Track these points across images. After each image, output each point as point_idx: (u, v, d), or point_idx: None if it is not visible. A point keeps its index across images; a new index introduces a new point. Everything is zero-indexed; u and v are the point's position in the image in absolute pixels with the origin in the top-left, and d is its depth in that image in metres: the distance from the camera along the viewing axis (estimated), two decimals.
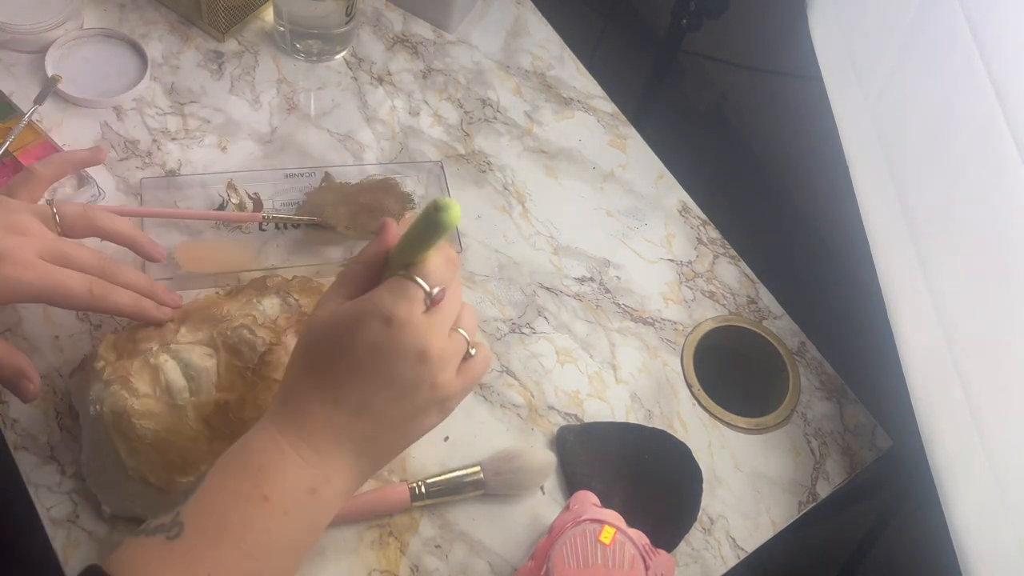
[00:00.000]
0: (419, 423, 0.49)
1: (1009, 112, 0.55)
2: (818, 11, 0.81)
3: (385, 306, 0.46)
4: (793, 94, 1.07)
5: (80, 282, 0.55)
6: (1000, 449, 0.55)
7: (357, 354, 0.46)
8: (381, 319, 0.46)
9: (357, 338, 0.46)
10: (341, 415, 0.47)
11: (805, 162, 1.12)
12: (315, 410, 0.47)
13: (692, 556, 0.65)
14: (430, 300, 0.47)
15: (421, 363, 0.46)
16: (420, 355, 0.46)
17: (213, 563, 0.43)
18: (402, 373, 0.46)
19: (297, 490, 0.46)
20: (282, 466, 0.46)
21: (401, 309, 0.46)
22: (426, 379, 0.47)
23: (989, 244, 0.56)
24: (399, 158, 0.80)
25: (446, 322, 0.48)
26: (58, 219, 0.58)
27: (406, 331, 0.46)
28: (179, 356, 0.58)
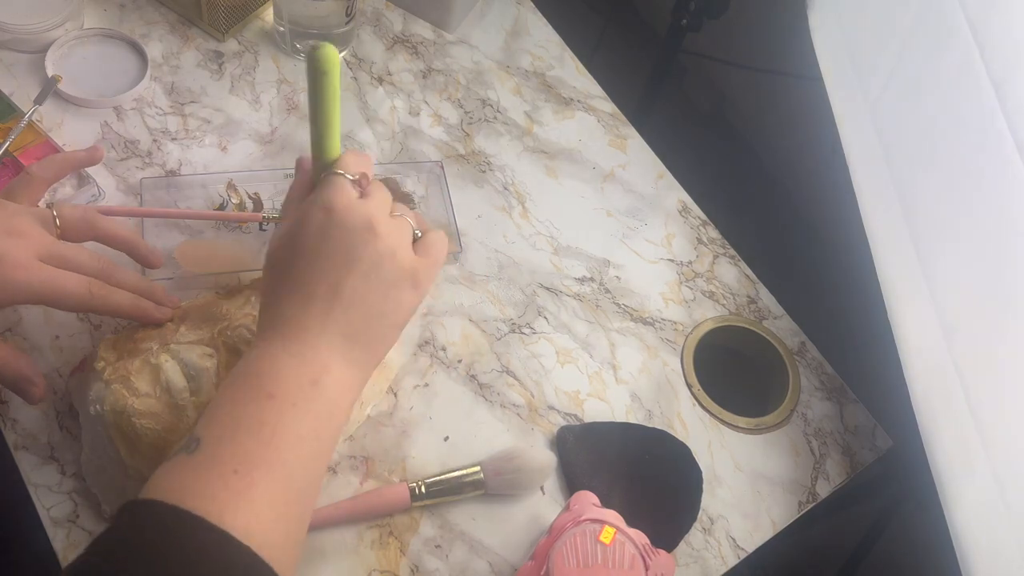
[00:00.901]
0: (395, 300, 0.51)
1: (1009, 112, 0.55)
2: (818, 11, 0.81)
3: (321, 198, 0.50)
4: (793, 94, 1.07)
5: (79, 283, 0.55)
6: (1000, 449, 0.55)
7: (311, 245, 0.49)
8: (322, 209, 0.49)
9: (307, 233, 0.49)
10: (316, 306, 0.49)
11: (805, 162, 1.12)
12: (292, 310, 0.49)
13: (692, 556, 0.65)
14: (358, 185, 0.51)
15: (371, 233, 0.49)
16: (367, 226, 0.49)
17: (237, 460, 0.44)
18: (356, 248, 0.49)
19: (299, 383, 0.47)
20: (277, 365, 0.47)
21: (336, 196, 0.49)
22: (383, 251, 0.49)
23: (989, 244, 0.56)
24: (399, 158, 0.80)
25: (381, 204, 0.51)
26: (58, 222, 0.58)
27: (347, 211, 0.49)
28: (179, 356, 0.58)
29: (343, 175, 0.50)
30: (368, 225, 0.49)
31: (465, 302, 0.73)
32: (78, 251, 0.57)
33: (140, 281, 0.60)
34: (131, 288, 0.59)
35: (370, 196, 0.51)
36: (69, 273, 0.55)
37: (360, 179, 0.51)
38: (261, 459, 0.44)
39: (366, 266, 0.49)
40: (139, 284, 0.60)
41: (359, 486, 0.63)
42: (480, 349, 0.71)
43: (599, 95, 0.89)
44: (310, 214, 0.50)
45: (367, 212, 0.50)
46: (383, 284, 0.50)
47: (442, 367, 0.69)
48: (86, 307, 0.56)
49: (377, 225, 0.49)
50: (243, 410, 0.46)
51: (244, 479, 0.43)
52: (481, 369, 0.70)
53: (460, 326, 0.72)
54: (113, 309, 0.57)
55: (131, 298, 0.58)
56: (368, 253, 0.49)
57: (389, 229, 0.50)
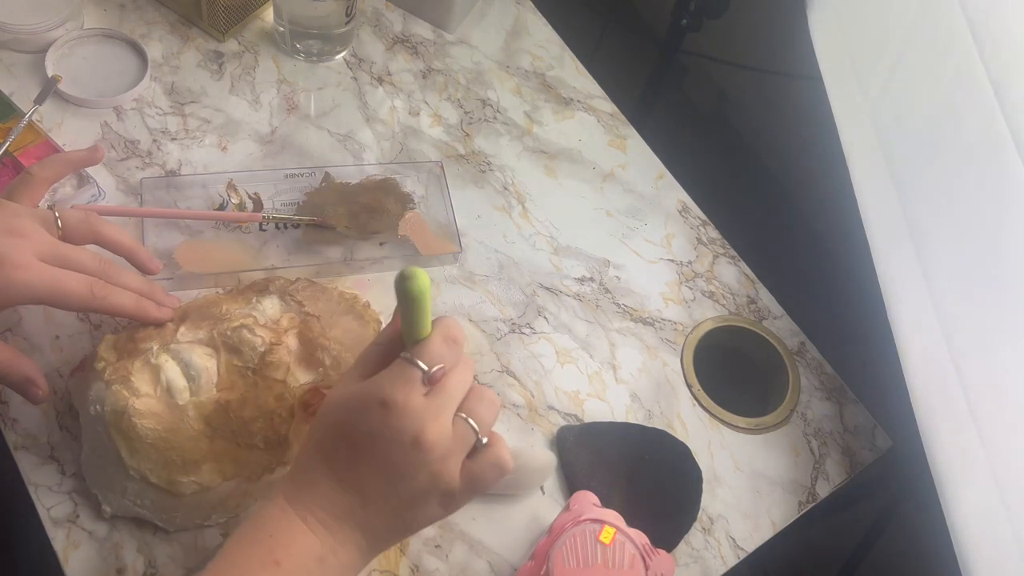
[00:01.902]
0: (419, 511, 0.49)
1: (1009, 112, 0.55)
2: (818, 11, 0.81)
3: (383, 390, 0.47)
4: (793, 94, 1.07)
5: (80, 283, 0.55)
6: (1000, 449, 0.55)
7: (356, 438, 0.48)
8: (378, 403, 0.47)
9: (357, 422, 0.47)
10: (342, 494, 0.48)
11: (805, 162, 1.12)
12: (320, 486, 0.48)
13: (692, 556, 0.65)
14: (428, 380, 0.48)
15: (415, 449, 0.46)
16: (414, 440, 0.46)
17: None
18: (396, 458, 0.47)
19: (306, 557, 0.47)
20: (292, 534, 0.47)
21: (398, 393, 0.47)
22: (422, 466, 0.47)
23: (989, 244, 0.56)
24: (399, 158, 0.80)
25: (447, 404, 0.48)
26: (60, 224, 0.58)
27: (401, 415, 0.46)
28: (180, 356, 0.58)
29: (416, 364, 0.47)
30: (415, 437, 0.46)
31: (465, 302, 0.73)
32: (79, 252, 0.57)
33: (141, 281, 0.60)
34: (132, 288, 0.59)
35: (438, 394, 0.48)
36: (71, 273, 0.55)
37: (435, 374, 0.48)
38: None
39: (398, 475, 0.47)
40: (140, 284, 0.60)
41: None
42: (480, 349, 0.71)
43: (599, 95, 0.89)
44: (366, 402, 0.47)
45: (419, 419, 0.46)
46: (410, 496, 0.48)
47: None
48: (88, 307, 0.56)
49: (425, 436, 0.46)
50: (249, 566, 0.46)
51: None
52: (481, 369, 0.70)
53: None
54: (115, 309, 0.57)
55: (133, 298, 0.58)
56: (404, 464, 0.47)
57: (439, 443, 0.47)
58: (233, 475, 0.58)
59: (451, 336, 0.49)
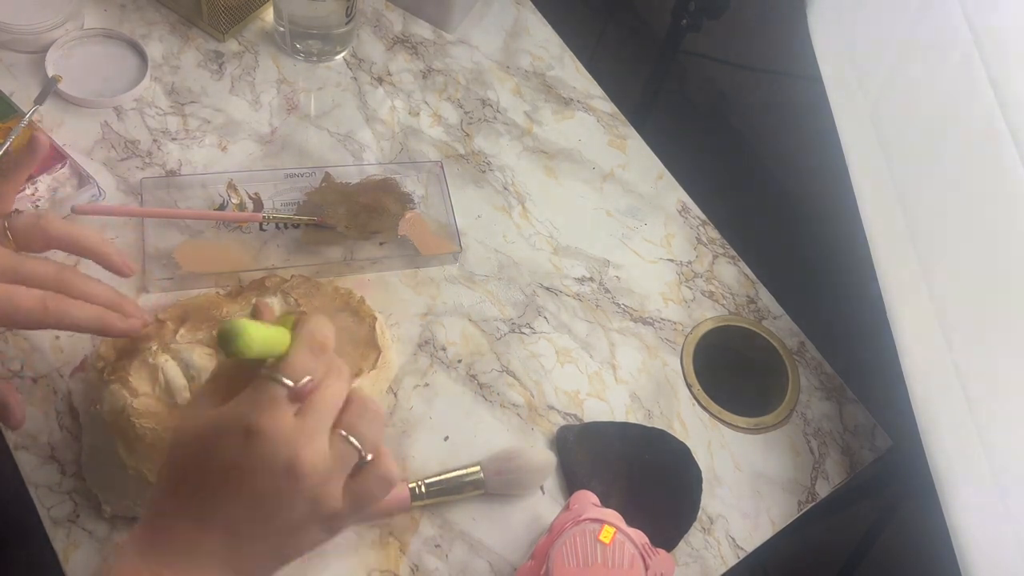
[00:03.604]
0: (298, 540, 0.43)
1: (1009, 112, 0.55)
2: (818, 11, 0.81)
3: (245, 416, 0.40)
4: (793, 94, 1.07)
5: (31, 298, 0.50)
6: (1000, 449, 0.55)
7: (218, 472, 0.41)
8: (241, 432, 0.40)
9: (216, 455, 0.41)
10: (206, 536, 0.41)
11: (805, 162, 1.12)
12: (178, 531, 0.41)
13: (692, 556, 0.65)
14: (296, 396, 0.42)
15: (291, 478, 0.40)
16: (288, 469, 0.40)
17: None
18: (270, 491, 0.41)
19: None
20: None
21: (263, 417, 0.40)
22: (301, 493, 0.41)
23: (989, 244, 0.56)
24: (399, 158, 0.80)
25: (321, 422, 0.42)
26: (10, 234, 0.53)
27: (270, 442, 0.40)
28: (180, 356, 0.58)
29: (281, 382, 0.41)
30: (289, 465, 0.40)
31: (465, 302, 0.73)
32: (34, 264, 0.51)
33: (106, 292, 0.54)
34: (98, 300, 0.53)
35: (308, 413, 0.42)
36: (20, 288, 0.50)
37: (303, 387, 0.41)
38: None
39: (273, 509, 0.41)
40: (106, 296, 0.54)
41: None
42: (480, 349, 0.71)
43: (599, 95, 0.89)
44: (226, 431, 0.41)
45: (292, 444, 0.40)
46: (289, 527, 0.42)
47: (442, 367, 0.69)
48: (42, 323, 0.51)
49: (300, 463, 0.40)
50: None
51: None
52: (481, 369, 0.70)
53: (460, 326, 0.72)
54: (73, 324, 0.52)
55: (93, 312, 0.52)
56: (280, 496, 0.41)
57: (316, 467, 0.41)
58: None
59: (317, 342, 0.43)
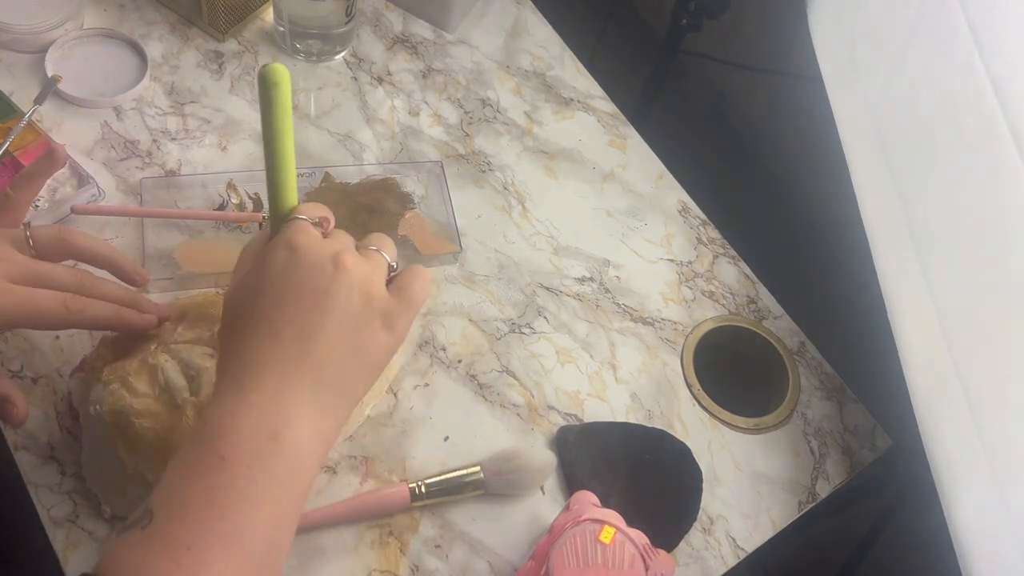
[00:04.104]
0: (367, 339, 0.47)
1: (1009, 112, 0.55)
2: (818, 11, 0.81)
3: (283, 238, 0.47)
4: (793, 94, 1.07)
5: (53, 299, 0.53)
6: (1000, 449, 0.55)
7: (274, 284, 0.46)
8: (284, 248, 0.47)
9: (269, 272, 0.46)
10: (279, 349, 0.45)
11: (805, 162, 1.12)
12: (255, 353, 0.45)
13: (692, 556, 0.65)
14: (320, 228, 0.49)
15: (337, 267, 0.46)
16: (333, 262, 0.46)
17: (190, 535, 0.40)
18: (322, 283, 0.46)
19: (255, 439, 0.43)
20: (232, 420, 0.43)
21: (298, 235, 0.47)
22: (351, 286, 0.46)
23: (989, 244, 0.56)
24: (399, 158, 0.80)
25: (346, 241, 0.49)
26: (32, 243, 0.56)
27: (311, 248, 0.47)
28: (179, 356, 0.58)
29: (304, 218, 0.49)
30: (334, 259, 0.46)
31: (465, 302, 0.73)
32: (54, 268, 0.55)
33: (122, 292, 0.58)
34: (113, 299, 0.57)
35: (334, 235, 0.49)
36: (42, 290, 0.53)
37: (321, 221, 0.49)
38: (214, 534, 0.40)
39: (332, 302, 0.46)
40: (121, 295, 0.57)
41: (359, 486, 0.63)
42: (480, 349, 0.71)
43: (599, 95, 0.89)
44: (272, 253, 0.47)
45: (332, 247, 0.47)
46: (353, 321, 0.46)
47: (442, 367, 0.69)
48: (64, 323, 0.54)
49: (344, 259, 0.47)
50: (194, 477, 0.42)
51: (198, 556, 0.40)
52: (481, 369, 0.70)
53: (460, 326, 0.72)
54: (92, 322, 0.55)
55: (111, 309, 0.56)
56: (335, 287, 0.46)
57: (357, 262, 0.47)
58: None
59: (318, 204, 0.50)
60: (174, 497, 0.42)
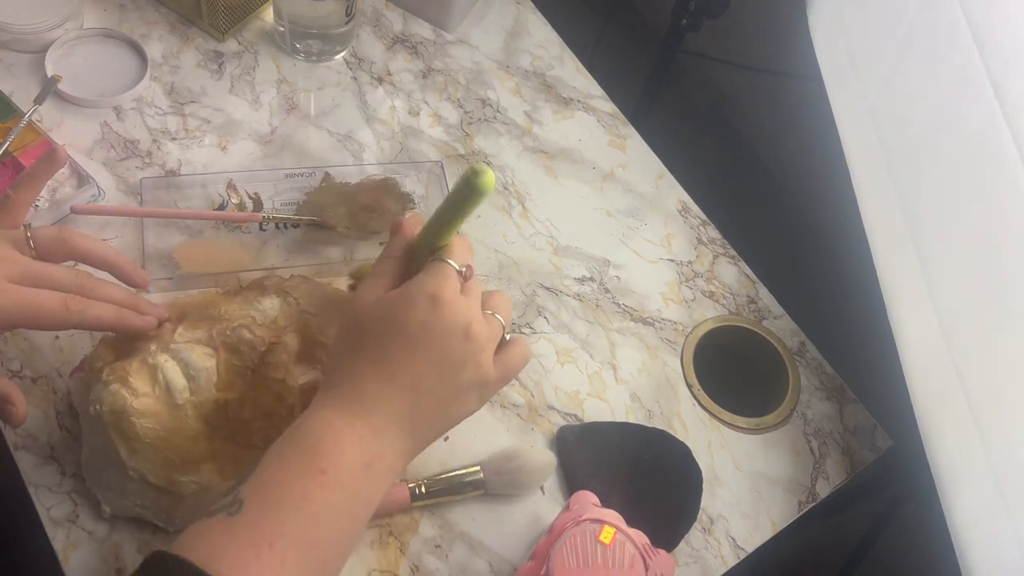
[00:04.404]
0: (460, 404, 0.51)
1: (1009, 112, 0.55)
2: (818, 11, 0.81)
3: (430, 286, 0.49)
4: (793, 94, 1.07)
5: (54, 299, 0.53)
6: (1000, 449, 0.55)
7: (409, 332, 0.49)
8: (428, 298, 0.49)
9: (409, 318, 0.49)
10: (394, 393, 0.49)
11: (805, 162, 1.12)
12: (369, 389, 0.49)
13: (692, 556, 0.65)
14: (462, 278, 0.51)
15: (467, 339, 0.49)
16: (465, 331, 0.49)
17: (274, 532, 0.44)
18: (451, 349, 0.49)
19: (353, 464, 0.47)
20: (338, 443, 0.47)
21: (444, 288, 0.49)
22: (470, 356, 0.50)
23: (989, 244, 0.56)
24: (399, 158, 0.80)
25: (478, 300, 0.51)
26: (32, 243, 0.56)
27: (452, 308, 0.49)
28: (179, 356, 0.58)
29: (451, 264, 0.51)
30: (467, 328, 0.49)
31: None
32: (54, 269, 0.55)
33: (122, 293, 0.58)
34: (113, 300, 0.57)
35: (470, 291, 0.51)
36: (43, 291, 0.53)
37: (466, 271, 0.51)
38: (298, 537, 0.44)
39: (451, 367, 0.49)
40: (122, 296, 0.58)
41: None
42: None
43: (599, 95, 0.89)
44: (416, 299, 0.49)
45: (468, 313, 0.50)
46: (458, 388, 0.50)
47: None
48: (65, 324, 0.54)
49: (474, 329, 0.49)
50: (293, 481, 0.46)
51: (277, 555, 0.43)
52: None
53: None
54: (92, 323, 0.55)
55: (112, 309, 0.56)
56: (457, 355, 0.49)
57: (483, 334, 0.50)
58: (232, 475, 0.58)
59: (467, 244, 0.53)
60: (269, 492, 0.45)
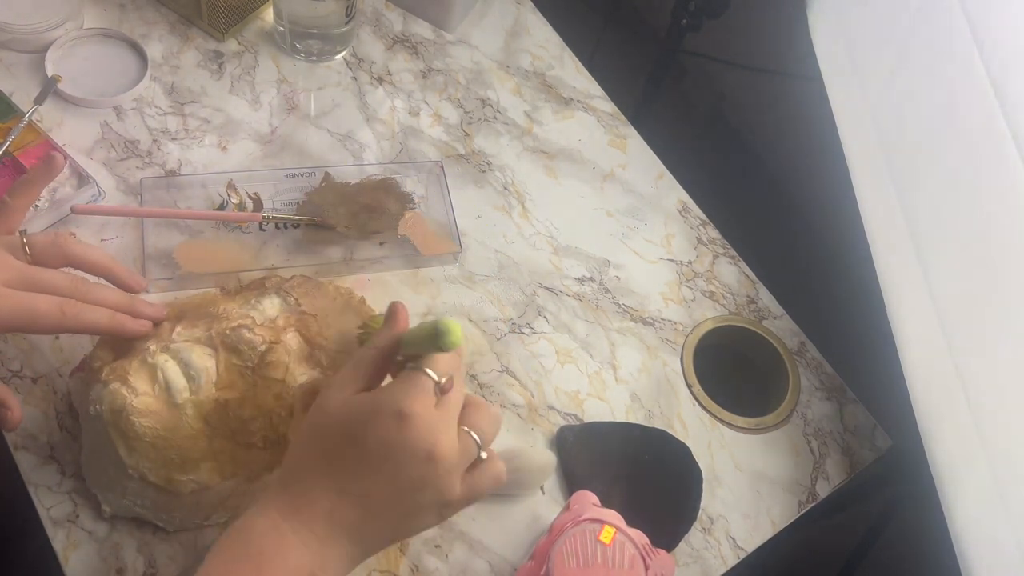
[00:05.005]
0: (415, 522, 0.49)
1: (1009, 112, 0.55)
2: (818, 11, 0.81)
3: (398, 400, 0.46)
4: (793, 94, 1.07)
5: (49, 303, 0.53)
6: (1000, 449, 0.55)
7: (368, 447, 0.46)
8: (394, 414, 0.46)
9: (369, 432, 0.46)
10: (344, 505, 0.47)
11: (805, 162, 1.12)
12: (319, 497, 0.47)
13: (692, 556, 0.65)
14: (439, 391, 0.48)
15: (429, 462, 0.46)
16: (429, 454, 0.46)
17: None
18: (410, 470, 0.46)
19: (295, 571, 0.46)
20: (283, 551, 0.46)
21: (415, 403, 0.46)
22: (431, 480, 0.47)
23: (989, 244, 0.56)
24: (399, 158, 0.80)
25: (454, 416, 0.48)
26: (28, 249, 0.56)
27: (418, 427, 0.46)
28: (179, 356, 0.58)
29: (429, 375, 0.48)
30: (430, 450, 0.46)
31: (465, 302, 0.73)
32: (50, 274, 0.55)
33: (118, 296, 0.58)
34: (109, 304, 0.57)
35: (447, 404, 0.48)
36: (38, 295, 0.53)
37: (445, 384, 0.48)
38: None
39: (408, 487, 0.47)
40: (117, 300, 0.57)
41: None
42: (480, 349, 0.71)
43: (599, 95, 0.89)
44: (381, 412, 0.46)
45: (434, 432, 0.46)
46: (414, 507, 0.48)
47: None
48: (60, 327, 0.54)
49: (439, 449, 0.46)
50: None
51: None
52: (481, 369, 0.70)
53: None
54: (88, 326, 0.55)
55: (106, 314, 0.56)
56: (416, 477, 0.47)
57: (450, 455, 0.47)
58: (232, 474, 0.58)
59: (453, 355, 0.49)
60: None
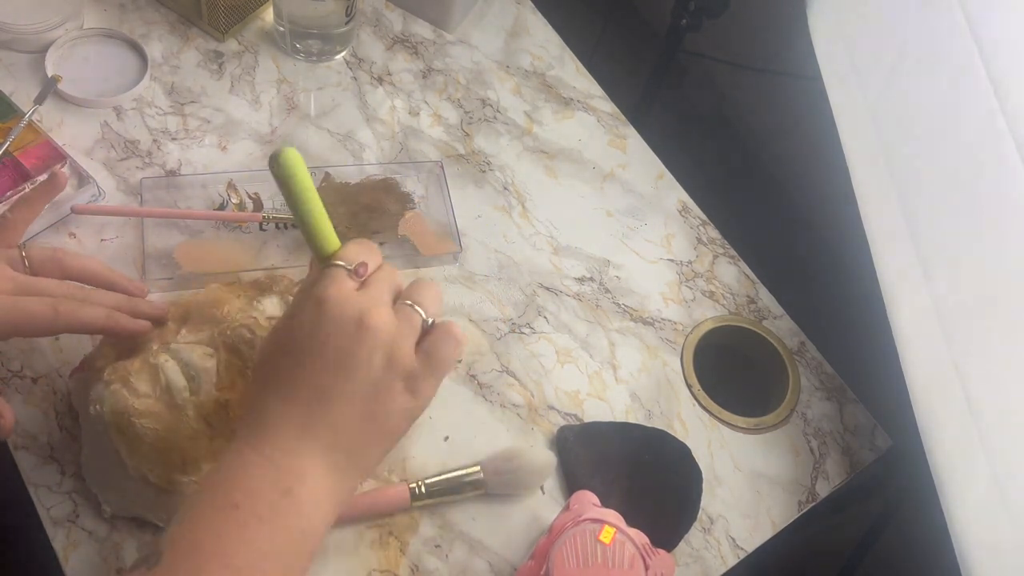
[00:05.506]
0: (385, 403, 0.46)
1: (1009, 112, 0.55)
2: (818, 11, 0.81)
3: (313, 293, 0.46)
4: (793, 94, 1.07)
5: (43, 304, 0.53)
6: (1000, 449, 0.55)
7: (298, 341, 0.46)
8: (313, 301, 0.46)
9: (295, 327, 0.46)
10: (297, 408, 0.45)
11: (805, 162, 1.12)
12: (272, 411, 0.45)
13: (692, 556, 0.65)
14: (355, 275, 0.47)
15: (361, 330, 0.45)
16: (358, 322, 0.45)
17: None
18: (345, 344, 0.45)
19: (269, 492, 0.43)
20: (247, 472, 0.44)
21: (328, 289, 0.46)
22: (375, 348, 0.45)
23: (989, 244, 0.56)
24: (399, 158, 0.80)
25: (382, 294, 0.47)
26: (27, 262, 0.56)
27: (340, 303, 0.45)
28: (180, 356, 0.58)
29: (341, 265, 0.47)
30: (358, 319, 0.45)
31: (465, 302, 0.73)
32: (47, 282, 0.55)
33: (115, 299, 0.58)
34: (108, 305, 0.57)
35: (370, 286, 0.47)
36: (32, 297, 0.53)
37: (358, 268, 0.47)
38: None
39: (353, 363, 0.45)
40: (117, 301, 0.58)
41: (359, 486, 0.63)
42: (480, 349, 0.71)
43: (599, 95, 0.89)
44: (301, 307, 0.46)
45: (361, 305, 0.45)
46: (372, 385, 0.45)
47: None
48: (54, 327, 0.54)
49: (371, 318, 0.45)
50: (205, 522, 0.42)
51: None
52: (481, 369, 0.70)
53: (460, 326, 0.71)
54: (84, 325, 0.55)
55: (102, 312, 0.56)
56: (356, 349, 0.45)
57: (385, 323, 0.45)
58: None
59: (367, 243, 0.49)
60: (184, 539, 0.42)
